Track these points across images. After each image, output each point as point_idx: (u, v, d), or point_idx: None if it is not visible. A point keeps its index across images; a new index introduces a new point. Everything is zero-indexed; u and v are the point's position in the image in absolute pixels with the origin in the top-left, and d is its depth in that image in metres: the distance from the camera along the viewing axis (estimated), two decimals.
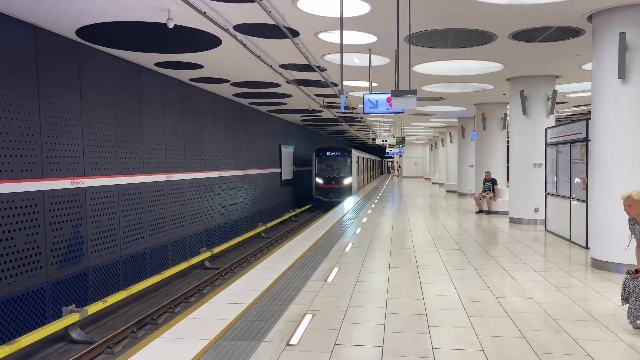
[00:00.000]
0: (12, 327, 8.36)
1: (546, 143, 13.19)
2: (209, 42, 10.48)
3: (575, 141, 10.99)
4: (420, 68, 13.23)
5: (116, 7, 8.24)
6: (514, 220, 14.66)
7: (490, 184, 17.93)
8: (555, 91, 14.02)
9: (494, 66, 13.21)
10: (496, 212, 17.24)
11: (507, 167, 18.16)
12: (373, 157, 54.90)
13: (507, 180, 17.71)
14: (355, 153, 32.16)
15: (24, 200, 8.64)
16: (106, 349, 8.43)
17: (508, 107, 17.85)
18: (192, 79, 14.95)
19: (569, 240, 11.25)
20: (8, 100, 8.37)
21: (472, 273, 8.20)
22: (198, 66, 13.04)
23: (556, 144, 12.31)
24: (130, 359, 4.57)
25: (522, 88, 14.16)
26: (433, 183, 41.96)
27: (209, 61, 12.49)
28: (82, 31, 9.54)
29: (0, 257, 8.13)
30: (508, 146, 17.33)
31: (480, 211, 17.73)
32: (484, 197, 17.82)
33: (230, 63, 12.70)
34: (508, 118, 18.82)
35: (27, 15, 8.56)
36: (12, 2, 7.89)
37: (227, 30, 8.86)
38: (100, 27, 9.26)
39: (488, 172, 18.33)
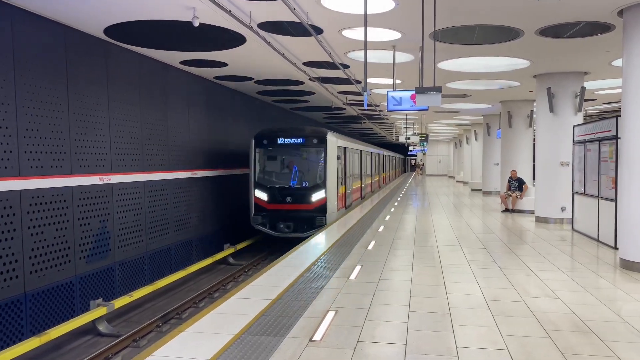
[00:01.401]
0: (42, 319, 8.58)
1: (574, 141, 12.94)
2: (233, 40, 10.56)
3: (604, 139, 10.76)
4: (445, 65, 13.10)
5: (143, 6, 8.36)
6: (540, 220, 14.43)
7: (516, 183, 17.47)
8: (583, 88, 13.74)
9: (521, 63, 13.01)
10: (521, 211, 16.98)
11: (533, 165, 17.86)
12: (392, 154, 46.53)
13: (533, 178, 17.43)
14: (336, 140, 16.14)
15: (54, 195, 8.85)
16: (132, 342, 8.59)
17: (535, 104, 17.54)
18: (217, 77, 15.08)
19: (597, 240, 11.03)
20: (39, 98, 8.57)
21: (497, 272, 8.10)
22: (223, 64, 13.16)
23: (584, 142, 12.06)
24: (155, 352, 4.65)
25: (550, 85, 13.91)
26: (457, 181, 41.53)
27: (234, 59, 12.59)
28: (110, 30, 9.71)
29: (32, 251, 8.35)
30: (534, 144, 17.06)
31: (507, 209, 17.37)
32: (510, 195, 17.44)
33: (255, 61, 12.77)
34: (534, 115, 18.51)
35: (56, 15, 8.74)
36: (42, 2, 8.08)
37: (251, 28, 8.92)
38: (127, 26, 9.41)
39: (514, 171, 17.86)
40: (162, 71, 12.73)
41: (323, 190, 14.90)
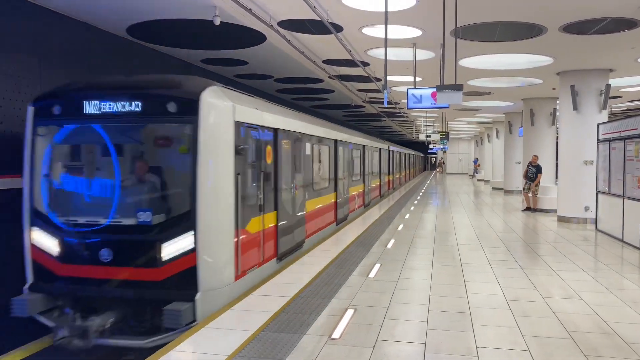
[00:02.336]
0: None
1: (598, 139, 12.71)
2: (253, 38, 10.61)
3: (630, 137, 10.55)
4: (466, 62, 12.98)
5: (165, 5, 8.45)
6: (562, 219, 14.21)
7: (534, 169, 16.77)
8: (608, 85, 13.48)
9: (544, 60, 12.82)
10: (543, 210, 16.73)
11: (556, 164, 17.59)
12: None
13: (556, 177, 17.16)
14: (232, 107, 6.35)
15: None
16: None
17: (558, 102, 17.27)
18: (237, 75, 15.17)
19: (622, 240, 10.82)
20: None
21: (518, 272, 8.01)
22: (243, 62, 13.23)
23: (609, 140, 11.84)
24: (177, 347, 4.71)
25: (573, 82, 13.68)
26: (478, 180, 41.13)
27: (254, 57, 12.65)
28: (133, 29, 9.83)
29: None
30: (557, 142, 16.79)
31: (528, 208, 16.92)
32: (528, 190, 16.92)
33: (274, 59, 12.81)
34: (557, 113, 18.22)
35: (80, 14, 8.89)
36: (67, 2, 8.22)
37: (271, 26, 8.95)
38: (150, 25, 9.52)
39: (535, 156, 17.30)
40: (184, 70, 12.85)
41: (190, 234, 5.89)
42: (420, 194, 25.47)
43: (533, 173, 16.77)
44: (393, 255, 9.18)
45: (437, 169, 68.64)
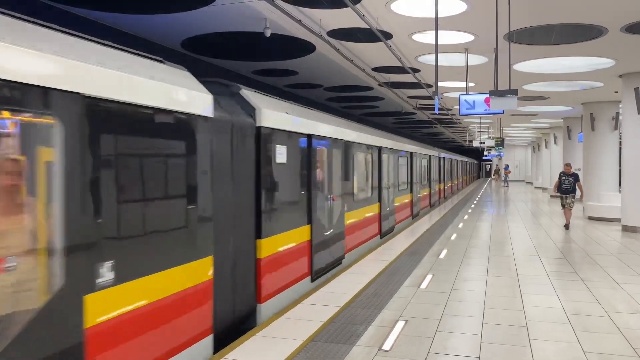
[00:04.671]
0: None
1: None
2: (303, 48, 10.71)
3: None
4: (521, 66, 12.60)
5: (217, 19, 8.68)
6: (627, 229, 13.49)
7: (571, 179, 14.13)
8: None
9: (604, 62, 12.27)
10: (605, 219, 15.91)
11: (619, 170, 16.73)
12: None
13: (619, 185, 16.33)
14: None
15: None
16: None
17: (620, 105, 16.47)
18: (287, 85, 15.36)
19: None
20: None
21: (579, 284, 7.64)
22: (293, 72, 13.38)
23: None
24: (229, 355, 4.77)
25: (637, 85, 13.03)
26: (535, 187, 39.74)
27: (303, 67, 12.77)
28: (187, 43, 10.15)
29: None
30: (620, 148, 15.98)
31: (567, 225, 14.20)
32: (565, 206, 14.23)
33: (324, 68, 12.89)
34: (620, 118, 17.37)
35: (138, 31, 9.27)
36: (127, 19, 8.59)
37: (321, 36, 9.00)
38: (203, 38, 9.80)
39: (568, 166, 14.62)
40: (237, 82, 13.10)
41: None
42: (474, 202, 24.87)
43: (571, 184, 14.12)
44: (446, 265, 8.98)
45: (493, 177, 66.65)
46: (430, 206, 21.34)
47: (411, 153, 16.90)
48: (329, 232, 8.41)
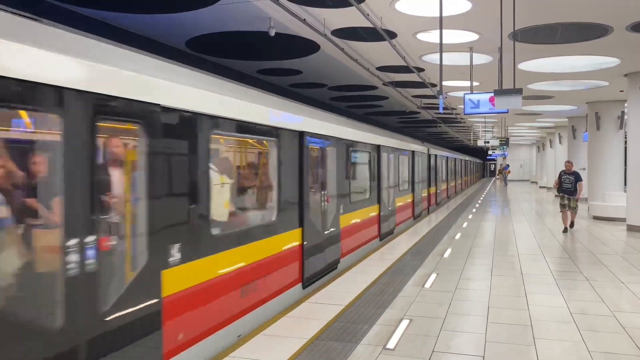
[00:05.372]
0: None
1: None
2: (307, 48, 10.72)
3: None
4: (526, 65, 12.57)
5: (221, 18, 8.70)
6: (632, 228, 13.44)
7: (572, 178, 13.00)
8: None
9: (609, 61, 12.22)
10: (610, 219, 15.86)
11: (625, 170, 16.68)
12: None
13: (625, 184, 16.28)
14: None
15: None
16: None
17: (626, 105, 16.41)
18: (291, 85, 15.37)
19: None
20: None
21: (584, 284, 7.62)
22: (297, 72, 13.39)
23: None
24: (232, 354, 4.78)
25: None
26: (540, 187, 39.63)
27: (308, 67, 12.78)
28: (191, 42, 10.17)
29: None
30: (625, 147, 15.93)
31: (566, 229, 13.28)
32: (564, 207, 13.15)
33: (328, 68, 12.89)
34: (626, 117, 17.31)
35: (143, 30, 9.29)
36: (132, 19, 8.62)
37: (325, 35, 9.01)
38: (207, 37, 9.82)
39: (569, 163, 13.57)
40: (241, 81, 13.12)
41: None
42: (479, 202, 24.82)
43: (571, 183, 13.01)
44: (450, 265, 8.97)
45: (497, 176, 66.37)
46: (437, 204, 21.10)
47: (413, 152, 15.80)
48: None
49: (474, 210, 19.93)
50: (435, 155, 21.23)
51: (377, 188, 11.55)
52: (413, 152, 16.05)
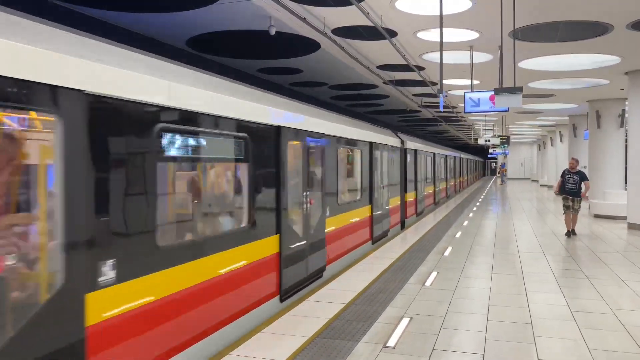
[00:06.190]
0: None
1: None
2: (308, 46, 10.72)
3: None
4: (526, 64, 12.57)
5: (222, 17, 8.70)
6: (633, 226, 13.44)
7: (576, 178, 12.01)
8: None
9: (610, 59, 12.22)
10: (610, 217, 15.86)
11: (625, 168, 16.67)
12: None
13: (625, 182, 16.27)
14: None
15: None
16: None
17: (626, 103, 16.39)
18: (292, 84, 15.37)
19: None
20: None
21: (584, 282, 7.63)
22: (297, 71, 13.40)
23: None
24: (233, 352, 4.79)
25: None
26: (541, 185, 39.62)
27: (308, 65, 12.78)
28: (192, 41, 10.18)
29: None
30: (626, 146, 15.92)
31: (569, 232, 12.31)
32: (568, 208, 12.12)
33: (328, 66, 12.90)
34: (627, 115, 17.29)
35: (144, 29, 9.30)
36: (133, 19, 8.63)
37: (325, 34, 9.01)
38: (208, 37, 9.83)
39: (574, 160, 12.55)
40: (242, 80, 13.14)
41: None
42: (479, 200, 24.82)
43: (576, 183, 11.99)
44: (450, 263, 8.98)
45: (498, 174, 66.33)
46: (435, 203, 20.87)
47: (415, 150, 15.53)
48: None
49: (474, 208, 19.93)
50: (415, 151, 16.57)
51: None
52: (371, 143, 11.15)
